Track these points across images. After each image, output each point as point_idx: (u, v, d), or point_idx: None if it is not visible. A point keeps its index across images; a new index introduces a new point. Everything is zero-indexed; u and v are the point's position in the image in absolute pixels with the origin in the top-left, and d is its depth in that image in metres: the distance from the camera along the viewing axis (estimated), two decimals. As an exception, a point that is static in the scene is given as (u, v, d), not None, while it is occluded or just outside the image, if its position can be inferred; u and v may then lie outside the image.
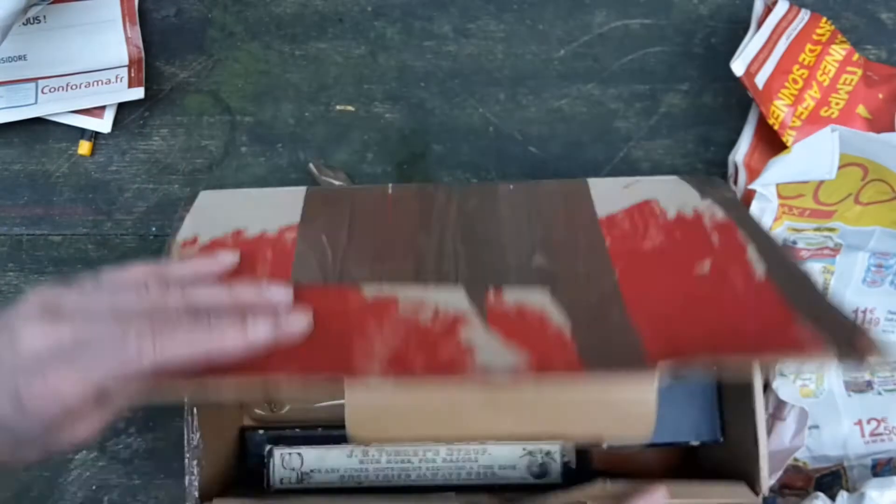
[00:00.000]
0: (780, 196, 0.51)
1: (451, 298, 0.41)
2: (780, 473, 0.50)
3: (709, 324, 0.39)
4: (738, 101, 0.59)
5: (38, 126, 0.59)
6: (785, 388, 0.51)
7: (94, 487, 0.58)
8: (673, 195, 0.49)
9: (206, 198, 0.51)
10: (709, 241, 0.44)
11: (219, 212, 0.49)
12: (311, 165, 0.58)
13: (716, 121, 0.59)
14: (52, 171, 0.59)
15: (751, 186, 0.49)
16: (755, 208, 0.49)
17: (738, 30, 0.58)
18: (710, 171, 0.59)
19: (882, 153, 0.50)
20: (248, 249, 0.45)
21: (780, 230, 0.54)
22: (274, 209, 0.49)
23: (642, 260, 0.44)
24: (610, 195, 0.49)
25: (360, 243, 0.46)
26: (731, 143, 0.56)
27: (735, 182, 0.54)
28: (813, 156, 0.49)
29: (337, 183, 0.56)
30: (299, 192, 0.51)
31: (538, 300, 0.41)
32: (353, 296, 0.42)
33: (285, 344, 0.38)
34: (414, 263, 0.44)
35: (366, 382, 0.38)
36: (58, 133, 0.59)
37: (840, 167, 0.49)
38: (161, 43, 0.60)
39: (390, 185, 0.51)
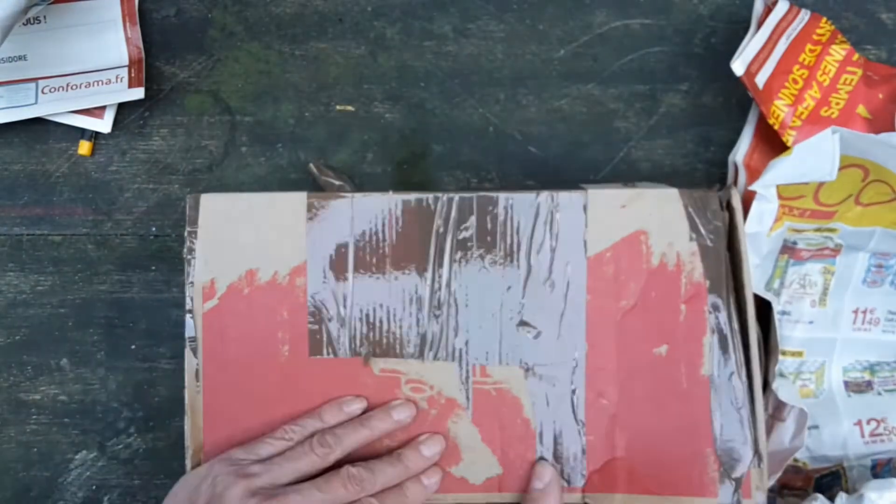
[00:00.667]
0: (780, 197, 0.51)
1: (445, 378, 0.51)
2: (778, 474, 0.50)
3: (645, 434, 0.50)
4: (738, 101, 0.59)
5: (38, 126, 0.59)
6: (784, 388, 0.51)
7: (94, 487, 0.58)
8: (664, 225, 0.51)
9: (209, 208, 0.51)
10: (677, 314, 0.50)
11: (228, 239, 0.51)
12: (311, 166, 0.58)
13: (716, 121, 0.59)
14: (52, 171, 0.59)
15: (751, 188, 0.49)
16: (755, 210, 0.49)
17: (738, 30, 0.58)
18: (710, 171, 0.59)
19: (883, 154, 0.50)
20: (264, 301, 0.51)
21: (780, 231, 0.54)
22: (280, 238, 0.51)
23: (612, 330, 0.51)
24: (605, 217, 0.51)
25: (363, 301, 0.51)
26: (731, 143, 0.56)
27: (735, 182, 0.54)
28: (813, 157, 0.49)
29: (337, 183, 0.56)
30: (300, 204, 0.51)
31: (515, 385, 0.51)
32: (364, 370, 0.51)
33: None
34: (418, 343, 0.51)
35: None
36: (58, 133, 0.59)
37: (841, 168, 0.49)
38: (161, 43, 0.60)
39: (391, 196, 0.51)
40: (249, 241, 0.51)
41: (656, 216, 0.51)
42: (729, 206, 0.51)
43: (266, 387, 0.50)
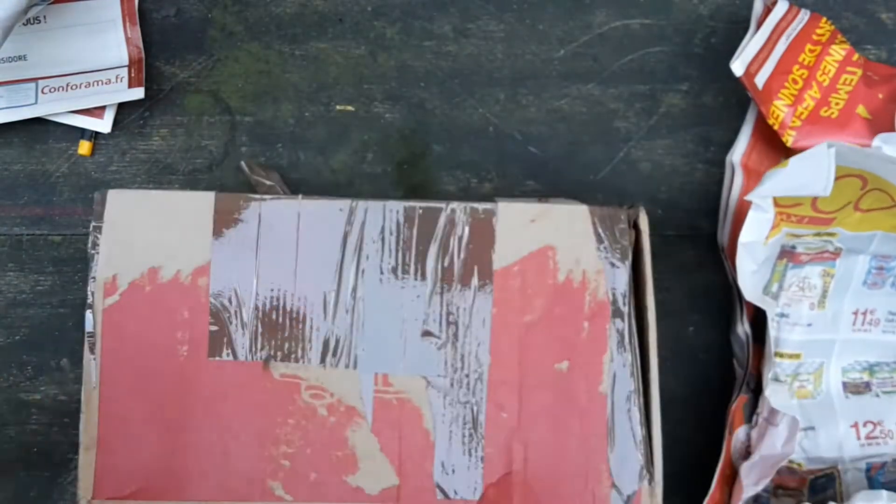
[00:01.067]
0: (777, 204, 0.51)
1: (346, 387, 0.50)
2: (769, 478, 0.50)
3: (542, 448, 0.50)
4: (738, 101, 0.59)
5: (38, 126, 0.59)
6: (777, 395, 0.51)
7: (94, 486, 0.58)
8: (572, 242, 0.51)
9: (115, 204, 0.51)
10: (579, 331, 0.51)
11: (133, 236, 0.50)
12: (242, 164, 0.57)
13: (716, 121, 0.59)
14: (52, 171, 0.59)
15: (747, 198, 0.49)
16: (751, 219, 0.49)
17: (738, 30, 0.58)
18: (710, 171, 0.59)
19: (880, 167, 0.50)
20: (165, 299, 0.50)
21: (778, 237, 0.54)
22: (185, 237, 0.51)
23: (515, 344, 0.51)
24: (514, 231, 0.51)
25: (266, 304, 0.51)
26: (731, 143, 0.56)
27: (731, 183, 0.54)
28: (809, 171, 0.48)
29: (268, 183, 0.56)
30: (207, 204, 0.51)
31: (416, 396, 0.50)
32: (263, 374, 0.50)
33: None
34: (320, 349, 0.50)
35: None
36: (58, 133, 0.59)
37: (839, 178, 0.49)
38: (161, 43, 0.60)
39: (300, 201, 0.51)
40: (154, 239, 0.50)
41: (564, 232, 0.51)
42: (636, 226, 0.51)
43: (162, 387, 0.50)
